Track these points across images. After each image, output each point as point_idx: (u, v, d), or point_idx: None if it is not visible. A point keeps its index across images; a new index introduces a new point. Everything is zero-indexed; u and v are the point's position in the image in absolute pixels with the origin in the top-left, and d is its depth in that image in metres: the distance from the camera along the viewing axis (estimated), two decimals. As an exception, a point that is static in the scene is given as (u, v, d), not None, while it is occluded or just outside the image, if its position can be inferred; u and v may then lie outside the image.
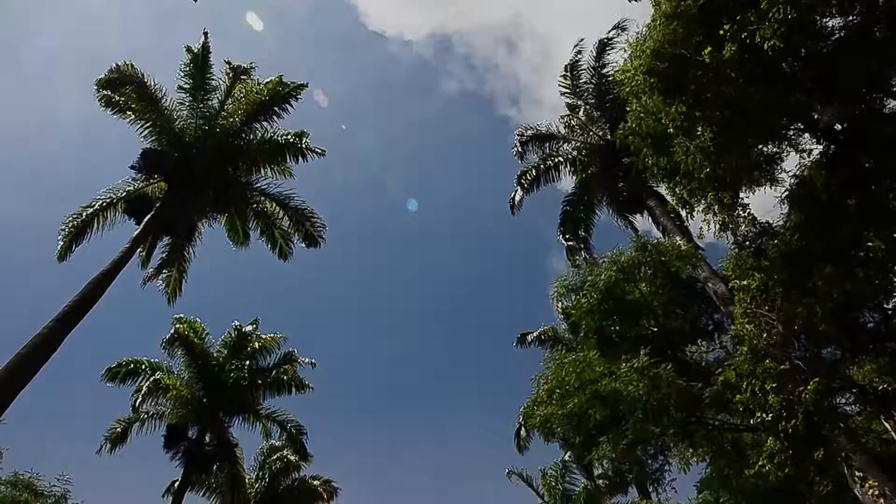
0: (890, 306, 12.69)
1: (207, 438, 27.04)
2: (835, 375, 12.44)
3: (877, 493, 10.53)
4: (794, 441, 11.72)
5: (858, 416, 13.74)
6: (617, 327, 17.76)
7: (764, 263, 12.41)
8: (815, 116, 11.72)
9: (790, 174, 12.29)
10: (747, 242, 12.81)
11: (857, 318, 12.79)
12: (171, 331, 27.46)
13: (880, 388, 11.75)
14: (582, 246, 27.22)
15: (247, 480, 30.45)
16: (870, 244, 10.79)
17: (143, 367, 27.48)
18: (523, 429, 32.31)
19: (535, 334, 33.51)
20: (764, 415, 12.19)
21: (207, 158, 23.98)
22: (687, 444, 14.82)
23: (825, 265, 11.37)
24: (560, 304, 26.46)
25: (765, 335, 12.55)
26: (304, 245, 26.61)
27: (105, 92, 23.23)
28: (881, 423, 12.74)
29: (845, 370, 13.49)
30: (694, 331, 17.31)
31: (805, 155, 12.06)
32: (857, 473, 10.81)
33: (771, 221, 12.80)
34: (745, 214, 12.39)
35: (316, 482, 32.21)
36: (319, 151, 25.86)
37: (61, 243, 23.04)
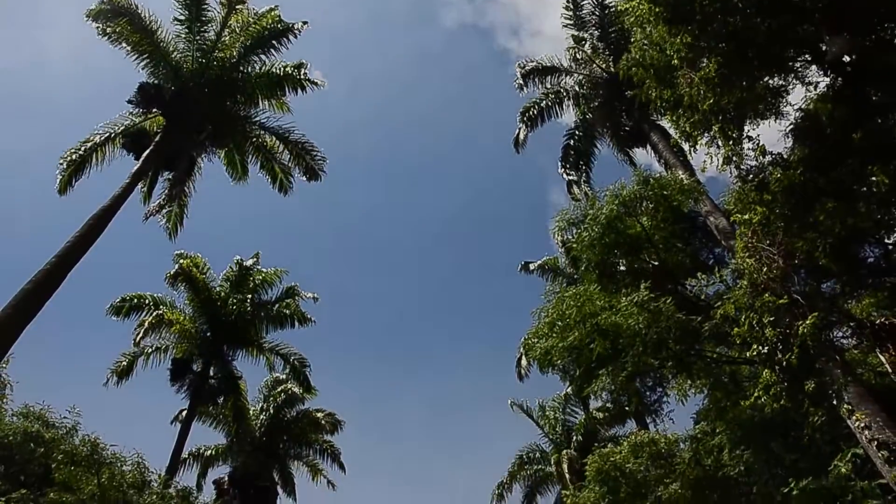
0: (890, 241, 12.71)
1: (212, 371, 27.48)
2: (833, 309, 12.56)
3: (862, 425, 10.73)
4: (790, 373, 11.91)
5: (854, 350, 13.92)
6: (618, 261, 17.84)
7: (766, 197, 12.37)
8: (823, 48, 11.51)
9: (795, 107, 12.15)
10: (750, 176, 12.74)
11: (857, 252, 12.83)
12: (174, 267, 27.58)
13: (877, 321, 11.87)
14: (583, 180, 27.16)
15: (251, 412, 31.04)
16: (873, 178, 10.73)
17: (147, 301, 27.72)
18: (524, 359, 32.80)
19: (537, 264, 33.81)
20: (761, 348, 12.35)
21: (205, 92, 23.71)
22: (685, 377, 15.03)
23: (827, 199, 11.32)
24: (561, 238, 26.55)
25: (765, 269, 12.60)
26: (304, 179, 26.56)
27: (96, 25, 22.84)
28: (877, 357, 12.91)
29: (843, 304, 13.61)
30: (694, 265, 17.38)
31: (811, 88, 11.90)
32: (846, 405, 10.99)
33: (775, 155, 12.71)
34: (751, 146, 12.28)
35: (319, 414, 32.80)
36: (318, 83, 25.56)
37: (61, 177, 22.99)
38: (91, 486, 18.02)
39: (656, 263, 17.35)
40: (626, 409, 21.03)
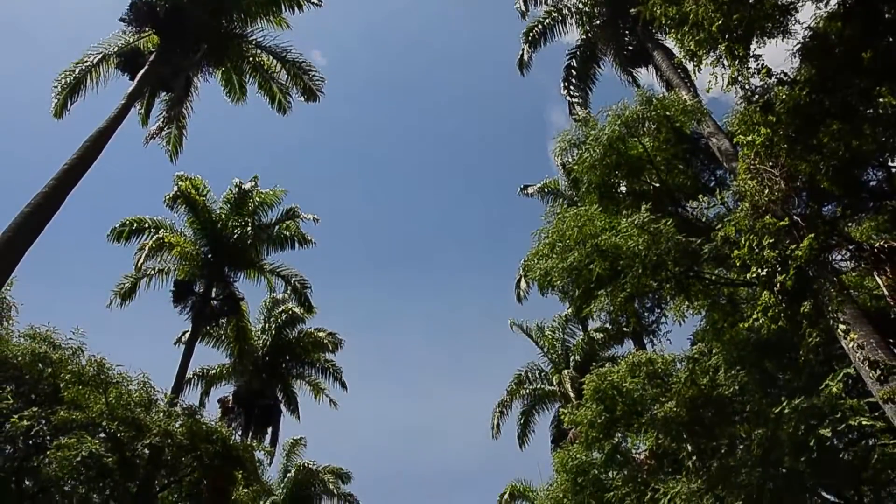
0: (894, 164, 12.62)
1: (214, 293, 27.68)
2: (832, 232, 12.56)
3: (856, 345, 10.87)
4: (788, 295, 12.01)
5: (852, 273, 13.99)
6: (619, 182, 17.75)
7: (770, 119, 12.20)
8: (835, -38, 11.16)
9: (804, 26, 11.84)
10: (755, 97, 12.53)
11: (859, 175, 12.76)
12: (174, 189, 27.47)
13: (876, 245, 11.90)
14: (584, 101, 26.80)
15: (253, 333, 31.45)
16: (881, 100, 10.57)
17: (147, 225, 27.73)
18: (523, 280, 33.06)
19: (536, 187, 33.61)
20: (760, 270, 12.42)
21: (199, 9, 23.15)
22: (683, 298, 15.16)
23: (833, 121, 11.18)
24: (562, 160, 26.39)
25: (766, 191, 12.55)
26: (302, 99, 26.23)
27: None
28: (873, 280, 12.99)
29: (843, 227, 13.62)
30: (695, 187, 17.31)
31: (821, 5, 11.57)
32: (842, 326, 11.12)
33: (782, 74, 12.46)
34: (757, 66, 12.02)
35: (321, 334, 33.25)
36: (315, 1, 24.96)
37: (56, 100, 22.71)
38: (99, 404, 18.44)
39: (657, 185, 17.28)
40: (625, 329, 21.32)
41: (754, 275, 12.61)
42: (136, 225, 27.75)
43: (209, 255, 28.10)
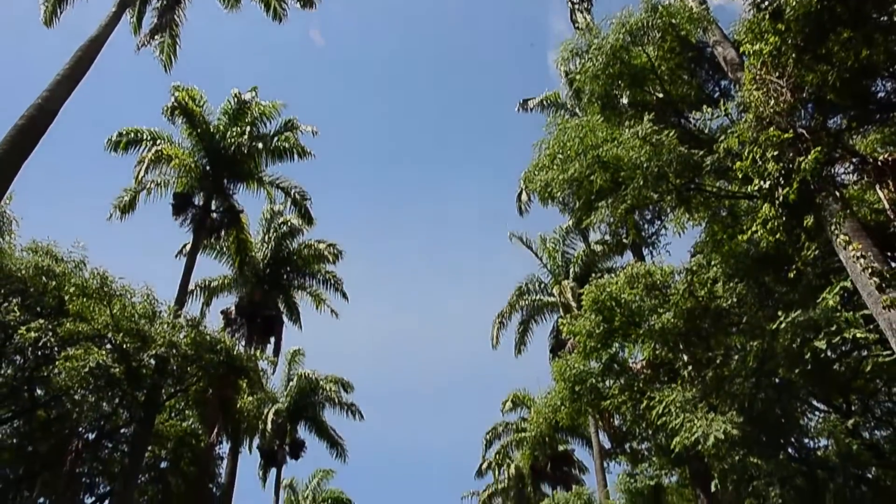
0: (904, 74, 12.36)
1: (213, 205, 27.62)
2: (837, 145, 12.42)
3: (857, 255, 10.90)
4: (789, 208, 11.98)
5: (854, 186, 13.92)
6: (622, 93, 17.44)
7: (779, 27, 11.88)
8: None
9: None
10: (765, 3, 12.16)
11: (868, 86, 12.51)
12: (171, 100, 27.00)
13: (881, 158, 11.77)
14: (587, 7, 26.00)
15: (254, 244, 31.54)
16: (894, 7, 10.26)
17: (144, 136, 27.39)
18: (524, 193, 32.93)
19: (537, 100, 32.97)
20: (762, 182, 12.34)
21: None
22: (683, 210, 15.13)
23: (844, 29, 10.88)
24: (564, 69, 25.84)
25: (772, 102, 12.33)
26: (298, 6, 25.52)
27: None
28: (875, 194, 12.92)
29: (848, 140, 13.45)
30: (699, 98, 17.00)
31: None
32: (842, 238, 11.12)
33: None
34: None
35: (321, 245, 33.34)
36: None
37: (45, 7, 22.11)
38: (104, 316, 18.70)
39: (661, 96, 16.98)
40: (625, 241, 21.30)
41: (756, 187, 12.54)
42: (133, 135, 27.42)
43: (208, 167, 27.88)
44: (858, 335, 11.39)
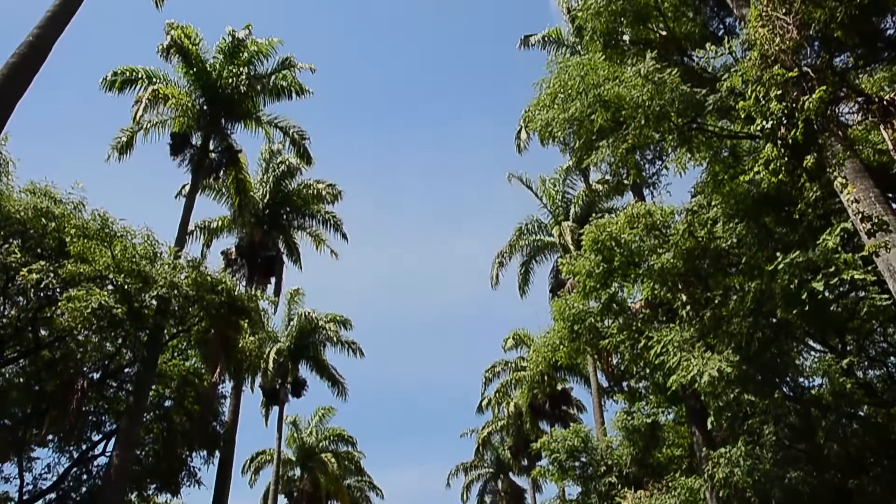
0: (914, 11, 12.11)
1: (212, 145, 27.39)
2: (842, 84, 12.23)
3: (853, 198, 10.86)
4: (791, 148, 11.87)
5: (858, 126, 13.77)
6: (624, 31, 17.14)
7: (787, -40, 11.59)
8: None
9: None
10: (772, -64, 11.83)
11: (877, 24, 12.26)
12: (166, 38, 26.48)
13: (887, 97, 11.60)
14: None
15: (253, 185, 31.41)
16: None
17: (140, 75, 26.95)
18: (524, 131, 32.63)
19: (538, 36, 32.35)
20: (765, 122, 12.18)
21: None
22: (685, 150, 15.02)
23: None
24: (566, 6, 25.34)
25: (777, 40, 12.08)
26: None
27: None
28: (880, 134, 12.79)
29: (854, 79, 13.25)
30: (703, 35, 16.70)
31: None
32: (840, 180, 11.06)
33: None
34: None
35: (320, 185, 33.19)
36: None
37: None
38: (105, 258, 18.72)
39: (664, 33, 16.68)
40: (625, 181, 21.24)
41: (758, 127, 12.39)
42: (128, 75, 26.98)
43: (205, 107, 27.53)
44: (857, 276, 11.44)
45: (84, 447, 23.63)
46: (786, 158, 12.02)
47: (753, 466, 14.39)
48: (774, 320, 14.04)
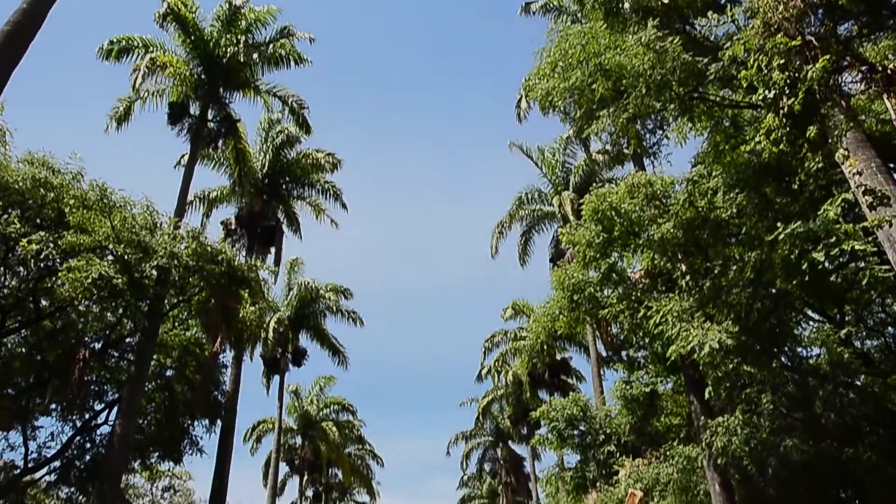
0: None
1: (210, 115, 27.22)
2: (846, 53, 12.11)
3: (855, 170, 10.81)
4: (793, 118, 11.80)
5: (861, 95, 13.66)
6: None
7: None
8: None
9: None
10: None
11: (883, -10, 12.09)
12: (163, 5, 26.16)
13: (890, 66, 11.49)
14: None
15: (252, 154, 31.29)
16: None
17: (136, 43, 26.72)
18: (524, 100, 32.41)
19: (539, 4, 32.03)
20: (766, 91, 12.09)
21: None
22: (686, 119, 14.91)
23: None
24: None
25: (780, 8, 11.95)
26: None
27: None
28: (882, 103, 12.69)
29: (858, 48, 13.11)
30: (705, 3, 16.51)
31: None
32: (842, 151, 11.00)
33: None
34: None
35: (319, 154, 33.04)
36: None
37: None
38: (105, 228, 18.70)
39: (665, 1, 16.46)
40: (626, 151, 21.09)
41: (760, 97, 12.30)
42: (125, 43, 26.74)
43: (203, 76, 27.32)
44: (857, 247, 11.42)
45: (87, 416, 23.80)
46: (787, 128, 11.95)
47: (751, 435, 14.52)
48: (774, 291, 14.05)
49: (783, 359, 16.08)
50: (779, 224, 12.27)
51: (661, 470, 19.30)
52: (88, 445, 23.94)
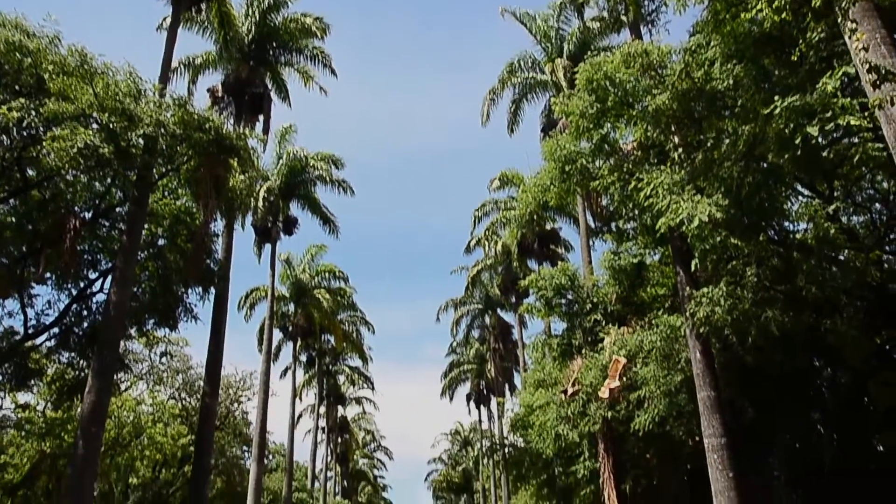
0: None
1: (191, -26, 25.99)
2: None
3: (862, 46, 10.48)
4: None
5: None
6: None
7: None
8: None
9: None
10: None
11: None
12: None
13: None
14: None
15: (237, 18, 30.17)
16: None
17: None
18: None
19: None
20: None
21: None
22: (687, -15, 14.37)
23: None
24: None
25: None
26: None
27: None
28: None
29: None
30: None
31: None
32: (849, 24, 10.62)
33: None
34: None
35: (307, 19, 31.83)
36: None
37: None
38: (87, 95, 18.19)
39: None
40: (622, 18, 20.41)
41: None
42: None
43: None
44: (853, 122, 11.29)
45: (82, 285, 24.10)
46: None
47: (733, 306, 14.87)
48: (765, 165, 14.01)
49: (770, 233, 16.25)
50: (776, 98, 12.05)
51: (644, 338, 19.88)
52: (85, 313, 24.39)
